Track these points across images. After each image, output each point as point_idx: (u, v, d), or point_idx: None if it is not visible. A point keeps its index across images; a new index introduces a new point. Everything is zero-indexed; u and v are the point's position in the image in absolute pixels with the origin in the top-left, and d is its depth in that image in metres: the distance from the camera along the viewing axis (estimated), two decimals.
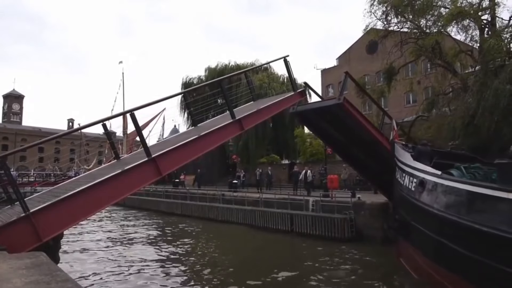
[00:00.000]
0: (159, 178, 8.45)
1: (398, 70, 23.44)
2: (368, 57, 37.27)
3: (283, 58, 12.15)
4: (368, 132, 12.80)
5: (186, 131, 12.25)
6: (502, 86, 15.60)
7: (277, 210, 18.61)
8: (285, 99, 12.38)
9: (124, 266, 12.50)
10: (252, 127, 35.15)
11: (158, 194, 31.17)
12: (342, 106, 11.98)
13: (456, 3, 19.43)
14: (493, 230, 6.47)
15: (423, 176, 9.20)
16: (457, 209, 7.55)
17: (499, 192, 6.72)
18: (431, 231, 8.49)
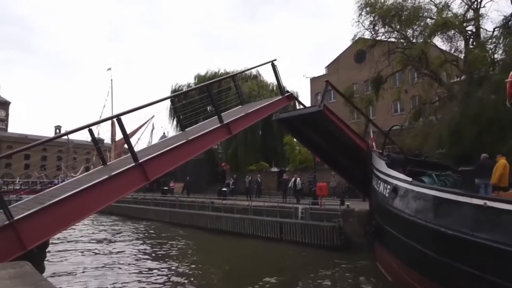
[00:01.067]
0: (146, 183, 8.40)
1: (386, 79, 23.81)
2: (357, 66, 37.68)
3: (271, 62, 12.22)
4: (349, 138, 13.00)
5: (174, 135, 12.21)
6: (486, 96, 15.96)
7: (266, 218, 18.57)
8: (273, 103, 12.47)
9: (111, 276, 12.32)
10: (242, 134, 35.03)
11: (147, 202, 30.86)
12: (322, 113, 12.22)
13: (441, 14, 19.89)
14: (457, 233, 6.82)
15: (396, 182, 9.55)
16: (425, 213, 7.89)
17: (462, 197, 7.13)
18: (403, 235, 8.82)
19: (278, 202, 20.21)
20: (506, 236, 6.00)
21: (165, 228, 23.97)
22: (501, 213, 6.25)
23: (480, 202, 6.66)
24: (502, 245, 5.99)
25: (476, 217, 6.63)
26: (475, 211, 6.68)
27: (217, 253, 16.37)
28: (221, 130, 10.00)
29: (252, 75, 39.06)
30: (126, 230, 24.05)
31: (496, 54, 18.91)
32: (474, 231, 6.51)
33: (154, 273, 12.77)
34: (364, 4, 22.06)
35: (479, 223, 6.54)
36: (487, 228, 6.36)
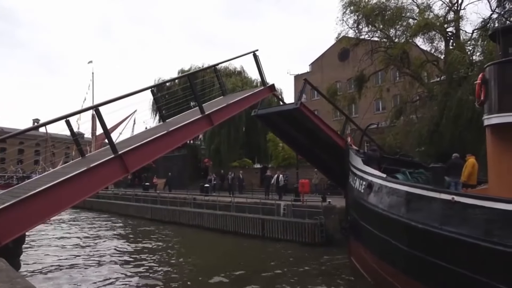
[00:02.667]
0: (126, 174, 8.24)
1: (369, 77, 24.08)
2: (340, 64, 37.99)
3: (252, 53, 12.16)
4: (327, 135, 13.18)
5: (154, 127, 12.02)
6: (465, 96, 16.32)
7: (248, 215, 18.57)
8: (255, 93, 12.47)
9: (87, 273, 12.16)
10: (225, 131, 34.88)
11: (128, 197, 30.47)
12: (299, 110, 12.34)
13: (423, 15, 20.21)
14: (426, 226, 7.06)
15: (371, 179, 9.78)
16: (398, 208, 8.13)
17: (432, 193, 7.40)
18: (377, 229, 9.04)
19: (260, 198, 20.24)
20: (471, 229, 6.25)
21: (146, 224, 23.71)
22: (467, 208, 6.50)
23: (448, 197, 6.90)
24: (468, 237, 6.23)
25: (444, 212, 6.88)
26: (443, 205, 6.93)
27: (197, 250, 16.29)
28: (202, 121, 9.87)
29: (236, 71, 38.86)
30: (105, 226, 23.68)
31: (474, 56, 19.37)
32: (443, 225, 6.75)
33: (131, 270, 12.65)
34: (349, 2, 22.23)
35: (447, 217, 6.79)
36: (455, 222, 6.61)
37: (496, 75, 8.12)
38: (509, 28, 8.69)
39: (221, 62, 12.36)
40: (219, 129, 31.73)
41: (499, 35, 8.67)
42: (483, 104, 8.52)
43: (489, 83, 8.21)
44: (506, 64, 8.13)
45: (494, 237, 5.90)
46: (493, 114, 8.13)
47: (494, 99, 8.07)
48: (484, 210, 6.23)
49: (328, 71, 38.79)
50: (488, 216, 6.13)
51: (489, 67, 8.44)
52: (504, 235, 5.80)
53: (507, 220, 5.88)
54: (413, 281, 7.57)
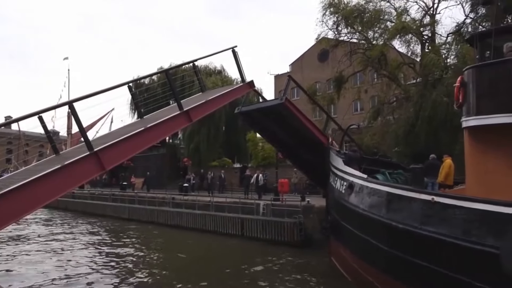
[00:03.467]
0: (103, 172, 8.05)
1: (347, 78, 24.43)
2: (320, 65, 38.40)
3: (231, 49, 12.06)
4: (310, 132, 13.23)
5: (131, 123, 11.79)
6: (440, 98, 16.78)
7: (228, 214, 18.54)
8: (234, 89, 12.39)
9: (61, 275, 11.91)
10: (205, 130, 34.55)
11: (104, 197, 29.90)
12: (284, 106, 12.33)
13: (400, 18, 20.65)
14: (407, 226, 7.19)
15: (352, 179, 9.87)
16: (379, 208, 8.24)
17: (412, 193, 7.53)
18: (358, 229, 9.16)
19: (240, 198, 20.24)
20: (450, 229, 6.39)
21: (123, 224, 23.34)
22: (446, 208, 6.64)
23: (428, 197, 7.04)
24: (447, 237, 6.37)
25: (424, 212, 7.00)
26: (423, 206, 7.06)
27: (175, 250, 16.14)
28: (181, 117, 9.74)
29: (217, 70, 38.71)
30: (81, 226, 23.18)
31: (448, 59, 19.97)
32: (422, 225, 6.88)
33: (107, 271, 12.47)
34: (328, 4, 22.48)
35: (427, 217, 6.91)
36: (434, 222, 6.74)
37: (474, 78, 8.26)
38: (486, 33, 8.84)
39: (199, 58, 12.18)
40: (199, 128, 31.56)
41: (476, 40, 8.85)
42: (461, 107, 8.66)
43: (467, 86, 8.35)
44: (484, 68, 8.29)
45: (473, 236, 6.03)
46: (471, 117, 8.25)
47: (472, 102, 8.21)
48: (462, 210, 6.36)
49: (308, 71, 39.08)
50: (466, 216, 6.26)
51: (468, 71, 8.57)
52: (482, 235, 5.93)
53: (484, 220, 6.02)
54: (393, 280, 7.68)
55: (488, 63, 8.24)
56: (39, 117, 7.83)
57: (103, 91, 8.39)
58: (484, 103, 8.02)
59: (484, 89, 8.08)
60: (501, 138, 7.75)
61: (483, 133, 8.06)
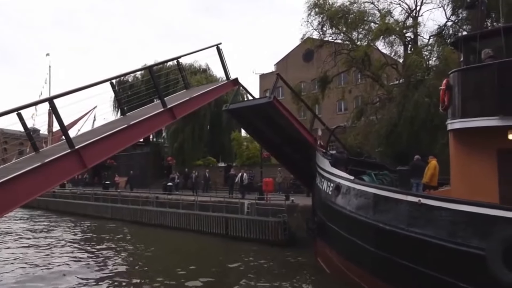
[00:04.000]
0: (84, 170, 7.92)
1: (332, 79, 24.62)
2: (305, 64, 38.59)
3: (216, 46, 12.02)
4: (298, 131, 13.30)
5: (114, 120, 11.63)
6: (421, 99, 17.08)
7: (212, 213, 18.49)
8: (218, 87, 12.35)
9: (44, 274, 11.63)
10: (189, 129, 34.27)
11: (86, 197, 29.42)
12: (272, 104, 12.35)
13: (384, 20, 20.92)
14: (394, 228, 7.29)
15: (338, 181, 9.91)
16: (366, 210, 8.33)
17: (398, 195, 7.63)
18: (345, 231, 9.22)
19: (224, 197, 20.20)
20: (437, 231, 6.47)
21: (106, 224, 23.03)
22: (432, 210, 6.72)
23: (415, 199, 7.11)
24: (434, 239, 6.45)
25: (411, 213, 7.07)
26: (410, 207, 7.13)
27: (158, 249, 16.00)
28: (165, 114, 9.63)
29: (201, 68, 38.50)
30: (62, 226, 22.78)
31: (430, 61, 20.34)
32: (409, 226, 6.95)
33: (89, 271, 12.26)
34: (313, 4, 22.62)
35: (413, 219, 6.98)
36: (421, 223, 6.81)
37: (459, 81, 8.34)
38: (470, 37, 8.90)
39: (184, 55, 12.08)
40: (183, 126, 31.36)
41: (461, 43, 8.93)
42: (447, 109, 8.73)
43: (453, 89, 8.43)
44: (469, 71, 8.38)
45: (458, 238, 6.12)
46: (456, 119, 8.33)
47: (458, 104, 8.30)
48: (448, 212, 6.45)
49: (292, 71, 39.22)
50: (452, 218, 6.35)
51: (453, 74, 8.64)
52: (467, 236, 6.03)
53: (470, 222, 6.11)
54: (380, 281, 7.74)
55: (473, 66, 8.31)
56: (18, 113, 7.63)
57: (85, 87, 8.24)
58: (469, 106, 8.11)
59: (469, 92, 8.16)
60: (486, 141, 7.86)
61: (468, 136, 8.15)
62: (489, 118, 7.60)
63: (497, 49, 7.97)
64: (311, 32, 23.60)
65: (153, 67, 11.38)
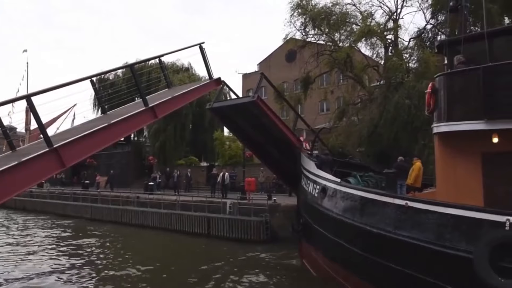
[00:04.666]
0: (63, 169, 7.77)
1: (314, 79, 24.80)
2: (287, 65, 38.71)
3: (199, 45, 11.95)
4: (281, 130, 13.34)
5: (94, 118, 11.45)
6: (402, 100, 17.39)
7: (194, 213, 18.40)
8: (201, 86, 12.29)
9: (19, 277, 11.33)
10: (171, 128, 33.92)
11: (65, 196, 28.82)
12: (256, 103, 12.34)
13: (366, 22, 21.21)
14: (381, 231, 7.30)
15: (325, 183, 9.89)
16: (353, 213, 8.33)
17: (385, 198, 7.65)
18: (331, 233, 9.21)
19: (206, 197, 20.12)
20: (424, 234, 6.49)
21: (85, 224, 22.61)
22: (419, 212, 6.75)
23: (402, 202, 7.14)
24: (421, 241, 6.47)
25: (398, 216, 7.08)
26: (397, 210, 7.14)
27: (138, 250, 15.84)
28: (146, 113, 9.52)
29: (184, 67, 38.21)
30: (40, 227, 22.25)
31: (410, 63, 20.73)
32: (396, 229, 6.97)
33: (68, 272, 12.03)
34: (296, 5, 22.74)
35: (400, 222, 6.99)
36: (408, 226, 6.82)
37: (445, 85, 8.33)
38: (455, 41, 8.89)
39: (166, 54, 11.97)
40: (165, 125, 31.08)
41: (446, 47, 8.94)
42: (432, 113, 8.73)
43: (439, 92, 8.42)
44: (455, 75, 8.36)
45: (446, 241, 6.15)
46: (442, 123, 8.32)
47: (443, 108, 8.30)
48: (435, 215, 6.47)
49: (275, 71, 39.31)
50: (439, 221, 6.37)
51: (439, 77, 8.62)
52: (454, 239, 6.06)
53: (456, 225, 6.15)
54: (367, 284, 7.76)
55: (459, 70, 8.34)
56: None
57: (64, 85, 8.07)
58: (455, 109, 8.12)
59: (454, 96, 8.18)
60: (471, 144, 7.92)
61: (453, 139, 8.18)
62: (474, 122, 7.64)
63: (481, 53, 7.98)
64: (294, 33, 23.74)
65: (134, 65, 11.19)
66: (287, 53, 38.29)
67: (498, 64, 7.59)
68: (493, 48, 7.99)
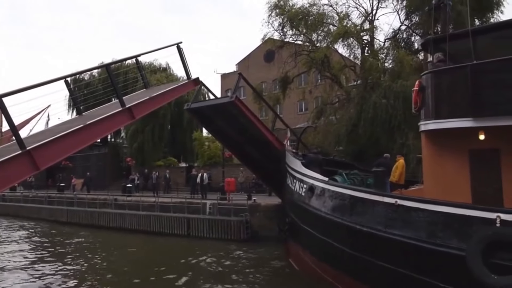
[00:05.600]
0: (36, 173, 7.55)
1: (292, 79, 25.01)
2: (266, 65, 38.86)
3: (176, 45, 11.84)
4: (260, 131, 13.39)
5: (69, 120, 11.19)
6: (379, 100, 17.75)
7: (173, 214, 18.23)
8: (179, 86, 12.18)
9: None
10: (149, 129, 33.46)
11: (40, 200, 28.02)
12: (234, 104, 12.34)
13: (342, 23, 21.51)
14: (371, 229, 7.26)
15: (312, 182, 9.80)
16: (342, 212, 8.26)
17: (375, 196, 7.60)
18: (319, 232, 9.13)
19: (186, 198, 19.97)
20: (415, 232, 6.48)
21: (61, 228, 22.04)
22: (410, 211, 6.73)
23: (392, 200, 7.10)
24: (412, 240, 6.45)
25: (388, 215, 7.06)
26: (387, 209, 7.12)
27: (116, 253, 15.53)
28: (123, 114, 9.36)
29: (162, 67, 37.76)
30: (13, 231, 21.53)
31: (386, 63, 21.18)
32: (387, 228, 6.95)
33: (42, 278, 11.69)
34: (274, 5, 22.87)
35: (391, 220, 6.97)
36: (399, 224, 6.80)
37: (432, 83, 8.27)
38: (440, 38, 8.92)
39: (143, 53, 11.79)
40: (143, 126, 30.68)
41: (431, 45, 8.97)
42: (419, 110, 8.73)
43: (426, 90, 8.43)
44: (442, 73, 8.37)
45: (437, 239, 6.12)
46: (429, 120, 8.32)
47: (430, 106, 8.30)
48: (426, 213, 6.44)
49: (254, 71, 39.40)
50: (430, 219, 6.34)
51: (426, 75, 8.55)
52: (446, 237, 6.04)
53: (447, 222, 6.13)
54: (358, 282, 7.69)
55: (447, 68, 8.35)
56: None
57: (37, 85, 7.83)
58: (442, 107, 8.14)
59: (442, 94, 8.19)
60: (458, 141, 7.99)
61: (441, 137, 8.23)
62: (462, 120, 7.68)
63: (465, 50, 8.02)
64: (272, 33, 23.88)
65: (110, 65, 10.99)
66: (265, 53, 38.43)
67: (485, 62, 7.61)
68: (478, 46, 8.01)
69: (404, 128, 16.61)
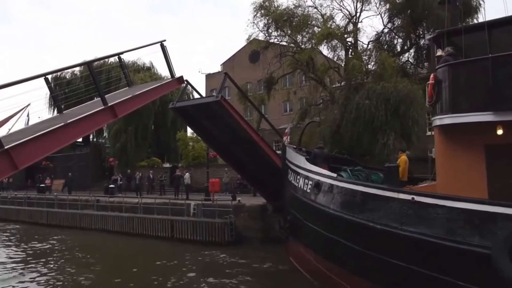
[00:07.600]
0: (15, 172, 7.30)
1: (277, 80, 25.04)
2: (251, 65, 38.87)
3: (160, 43, 11.71)
4: (245, 131, 13.36)
5: (49, 118, 10.91)
6: (362, 101, 17.92)
7: (157, 216, 18.00)
8: (163, 85, 12.08)
9: None
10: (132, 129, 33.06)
11: (18, 201, 27.29)
12: (219, 103, 12.28)
13: (326, 24, 21.65)
14: (385, 227, 7.04)
15: (318, 178, 9.49)
16: (352, 208, 7.98)
17: (390, 193, 7.34)
18: (325, 229, 8.85)
19: (170, 199, 19.77)
20: (433, 229, 6.28)
21: (40, 230, 21.54)
22: (427, 207, 6.53)
23: (408, 197, 6.88)
24: (430, 237, 6.27)
25: (404, 212, 6.83)
26: (402, 205, 6.89)
27: (98, 255, 15.20)
28: (105, 112, 9.18)
29: (145, 66, 37.38)
30: None
31: (369, 65, 21.40)
32: (403, 225, 6.72)
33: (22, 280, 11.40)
34: (259, 6, 22.86)
35: (407, 217, 6.74)
36: (415, 221, 6.59)
37: (449, 76, 7.99)
38: (453, 31, 8.66)
39: (126, 51, 11.59)
40: (126, 126, 30.27)
41: (444, 38, 8.69)
42: (435, 104, 8.47)
43: (442, 84, 8.09)
44: (460, 66, 8.04)
45: (458, 236, 5.92)
46: (445, 115, 8.01)
47: (447, 100, 7.98)
48: (444, 209, 6.25)
49: (239, 71, 39.34)
50: (449, 215, 6.15)
51: (442, 69, 8.20)
52: (467, 234, 5.85)
53: (468, 219, 5.94)
54: (369, 282, 7.45)
55: (464, 61, 8.09)
56: None
57: (15, 83, 7.58)
58: (459, 101, 7.86)
59: (459, 88, 7.92)
60: (474, 136, 7.76)
61: (456, 131, 7.97)
62: (480, 114, 7.42)
63: (480, 43, 7.84)
64: (257, 34, 23.85)
65: (92, 62, 10.73)
66: (250, 54, 38.44)
67: (506, 54, 7.38)
68: (493, 39, 7.82)
69: (386, 129, 16.81)
